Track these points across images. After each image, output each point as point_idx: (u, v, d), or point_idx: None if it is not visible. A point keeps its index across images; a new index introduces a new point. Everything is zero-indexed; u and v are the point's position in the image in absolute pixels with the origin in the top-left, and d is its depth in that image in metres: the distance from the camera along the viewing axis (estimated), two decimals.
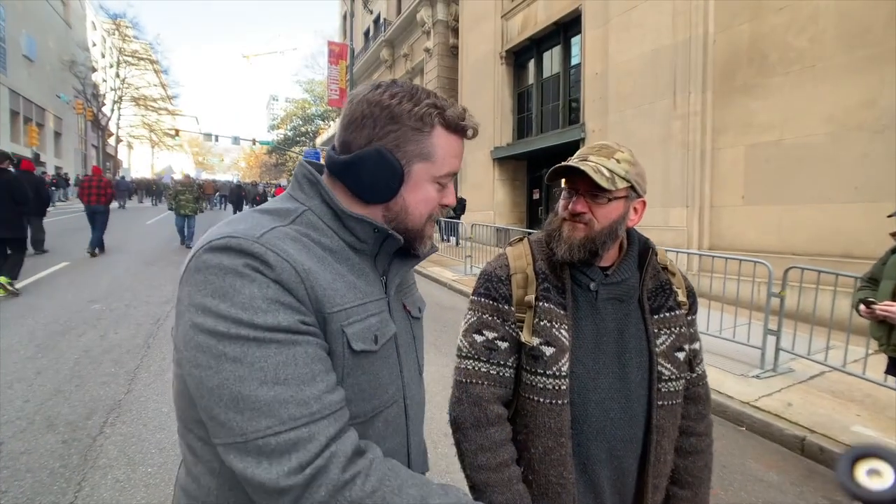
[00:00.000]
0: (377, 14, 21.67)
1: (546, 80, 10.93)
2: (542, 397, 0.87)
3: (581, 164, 0.84)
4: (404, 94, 0.67)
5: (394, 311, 0.73)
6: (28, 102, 26.39)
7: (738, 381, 3.69)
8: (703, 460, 0.99)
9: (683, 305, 0.96)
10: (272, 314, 0.54)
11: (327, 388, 0.55)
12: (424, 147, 0.67)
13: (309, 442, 0.51)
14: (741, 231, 6.23)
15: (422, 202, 0.70)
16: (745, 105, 6.12)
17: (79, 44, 34.61)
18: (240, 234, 0.57)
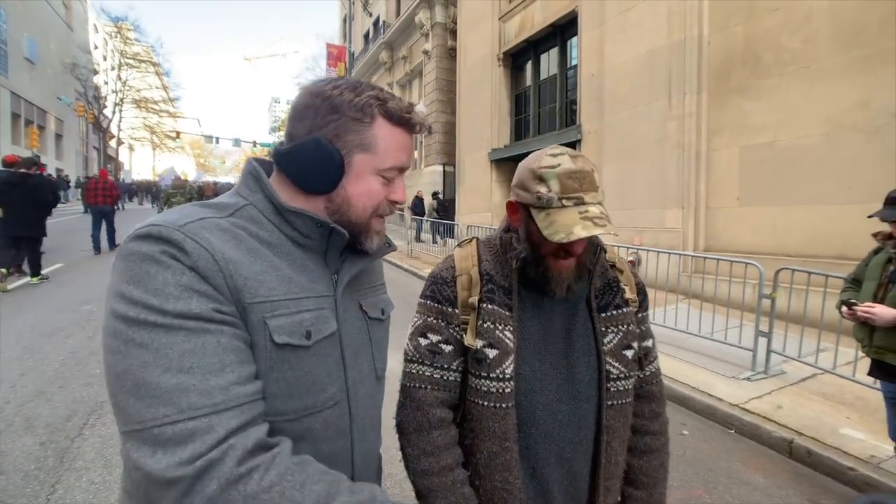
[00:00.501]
0: (377, 16, 21.73)
1: (543, 81, 10.92)
2: (486, 401, 0.84)
3: (600, 222, 0.77)
4: (347, 85, 0.67)
5: (344, 310, 0.71)
6: (29, 105, 26.52)
7: (728, 383, 3.66)
8: (657, 459, 0.97)
9: (632, 303, 0.94)
10: (184, 301, 0.53)
11: (237, 379, 0.54)
12: (365, 137, 0.67)
13: (206, 433, 0.50)
14: (736, 232, 6.20)
15: (364, 195, 0.69)
16: (740, 106, 6.10)
17: (80, 46, 34.79)
18: (163, 223, 0.57)
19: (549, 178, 0.80)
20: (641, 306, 0.98)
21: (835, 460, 2.62)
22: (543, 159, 0.82)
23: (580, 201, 0.79)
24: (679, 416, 3.36)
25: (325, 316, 0.67)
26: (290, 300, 0.63)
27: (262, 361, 0.59)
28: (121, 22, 35.45)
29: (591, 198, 0.79)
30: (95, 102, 32.62)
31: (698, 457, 2.80)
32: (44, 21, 28.73)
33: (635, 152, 7.45)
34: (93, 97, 32.25)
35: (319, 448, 0.65)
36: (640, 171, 7.35)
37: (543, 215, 0.80)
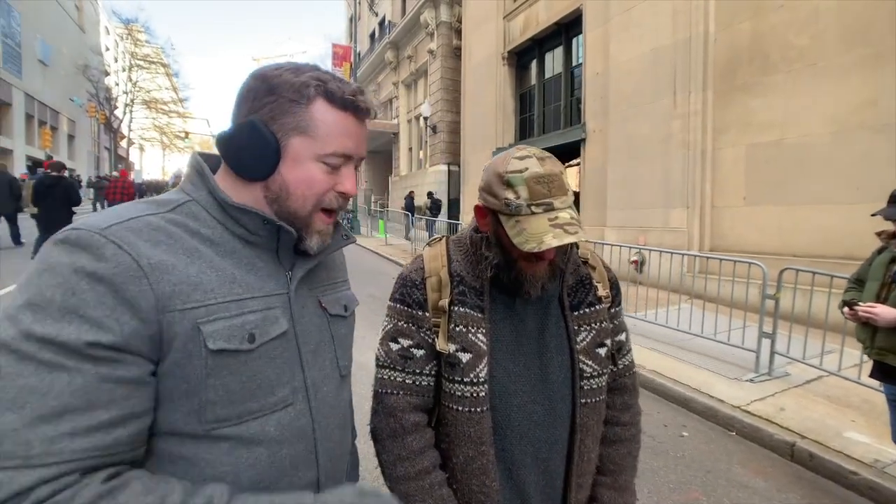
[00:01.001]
0: (382, 16, 21.78)
1: (548, 80, 10.87)
2: (460, 405, 0.83)
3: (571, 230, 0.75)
4: (289, 67, 0.64)
5: (301, 307, 0.68)
6: (42, 106, 26.94)
7: (730, 384, 3.61)
8: (625, 448, 0.97)
9: (605, 299, 0.93)
10: (57, 325, 0.47)
11: (74, 429, 0.47)
12: (301, 120, 0.63)
13: (5, 487, 0.44)
14: (742, 232, 6.12)
15: (303, 182, 0.64)
16: (746, 104, 6.02)
17: (92, 48, 35.29)
18: (84, 226, 0.53)
19: (517, 183, 0.76)
20: (614, 301, 0.97)
21: (837, 464, 2.58)
22: (510, 163, 0.78)
23: (549, 207, 0.76)
24: (680, 417, 3.33)
25: (274, 316, 0.64)
26: (232, 302, 0.59)
27: (197, 368, 0.56)
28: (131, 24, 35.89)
29: (560, 202, 0.76)
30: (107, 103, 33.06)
31: (698, 459, 2.77)
32: (56, 23, 29.17)
33: (640, 151, 7.39)
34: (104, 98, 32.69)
35: (278, 452, 0.63)
36: (645, 170, 7.28)
37: (513, 223, 0.77)
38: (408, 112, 19.22)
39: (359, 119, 0.67)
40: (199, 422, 0.57)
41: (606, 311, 0.93)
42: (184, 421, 0.57)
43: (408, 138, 19.34)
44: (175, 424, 0.57)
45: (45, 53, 27.14)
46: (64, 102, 29.32)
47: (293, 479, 0.64)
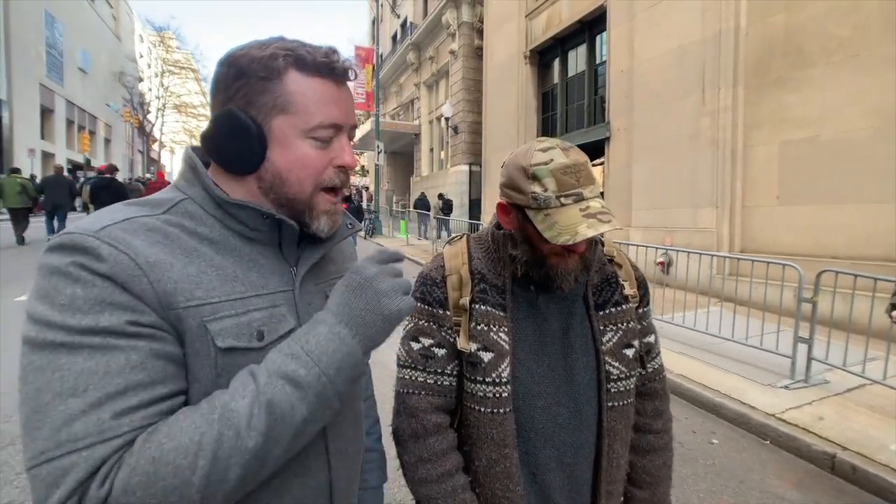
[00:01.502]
0: (404, 18, 21.92)
1: (571, 79, 10.72)
2: (483, 406, 0.80)
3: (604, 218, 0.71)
4: (255, 44, 0.59)
5: (307, 304, 0.65)
6: (82, 111, 28.24)
7: (763, 391, 3.46)
8: (661, 458, 0.93)
9: (633, 299, 0.89)
10: (92, 315, 0.47)
11: (139, 402, 0.47)
12: (278, 97, 0.58)
13: (80, 471, 0.44)
14: (775, 233, 5.87)
15: (296, 164, 0.60)
16: (780, 99, 5.78)
17: (127, 55, 36.79)
18: (78, 230, 0.51)
19: (544, 175, 0.73)
20: (642, 301, 0.93)
21: (885, 479, 2.42)
22: (534, 155, 0.75)
23: (580, 197, 0.73)
24: (709, 423, 3.21)
25: (280, 314, 0.61)
26: (236, 300, 0.57)
27: (206, 368, 0.54)
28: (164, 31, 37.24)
29: (589, 192, 0.73)
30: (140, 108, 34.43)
31: (729, 467, 2.65)
32: (95, 33, 30.54)
33: (666, 149, 7.19)
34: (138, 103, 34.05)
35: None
36: (672, 168, 7.08)
37: (542, 216, 0.74)
38: (429, 113, 19.27)
39: (338, 83, 0.62)
40: None
41: (634, 311, 0.89)
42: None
43: (429, 139, 19.40)
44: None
45: (84, 62, 28.45)
46: (101, 108, 30.66)
47: (304, 480, 0.62)
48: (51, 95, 24.31)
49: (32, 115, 22.53)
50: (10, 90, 20.38)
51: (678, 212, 7.00)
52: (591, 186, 0.74)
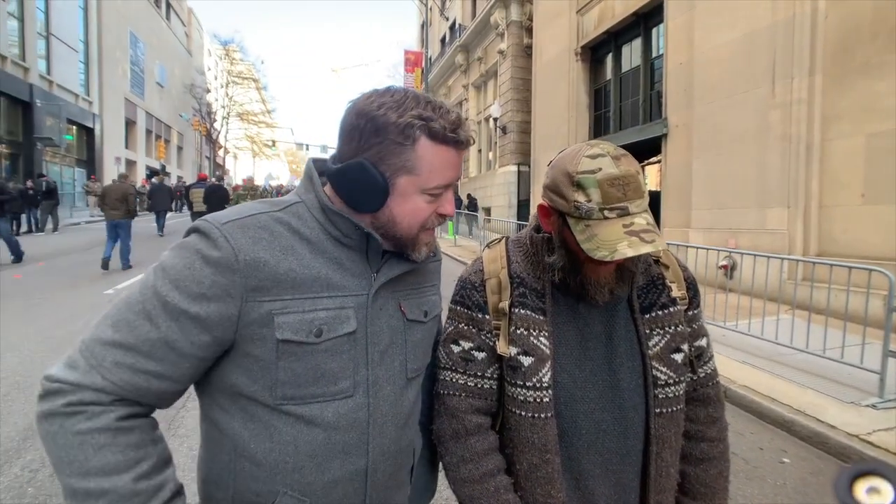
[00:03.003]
0: (453, 20, 22.06)
1: (625, 74, 10.30)
2: (523, 410, 0.80)
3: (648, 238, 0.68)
4: (392, 104, 0.67)
5: (378, 309, 0.73)
6: (158, 122, 30.95)
7: (845, 409, 3.15)
8: (716, 468, 0.88)
9: (681, 301, 0.85)
10: (169, 286, 0.63)
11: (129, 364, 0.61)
12: (408, 160, 0.67)
13: (83, 373, 0.60)
14: (860, 235, 5.32)
15: (409, 214, 0.70)
16: (867, 87, 5.22)
17: (197, 69, 39.85)
18: (210, 220, 0.67)
19: (589, 185, 0.70)
20: (692, 303, 0.88)
21: None
22: (581, 162, 0.71)
23: (624, 212, 0.69)
24: (778, 441, 2.96)
25: (346, 315, 0.70)
26: (307, 299, 0.67)
27: (269, 351, 0.66)
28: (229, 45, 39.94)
29: (636, 207, 0.70)
30: (208, 117, 37.14)
31: (802, 490, 2.44)
32: (171, 50, 33.36)
33: (730, 146, 6.73)
34: (206, 112, 36.77)
35: (333, 436, 0.70)
36: (736, 166, 6.62)
37: (582, 227, 0.71)
38: (477, 114, 19.27)
39: (459, 151, 0.71)
40: (272, 396, 0.67)
41: (683, 313, 0.85)
42: (260, 392, 0.67)
43: (477, 140, 19.33)
44: (254, 393, 0.67)
45: (161, 76, 31.16)
46: (174, 118, 33.43)
47: (344, 463, 0.71)
48: (133, 108, 26.83)
49: (118, 126, 24.99)
50: (101, 105, 22.72)
51: (743, 212, 6.53)
52: (638, 201, 0.70)
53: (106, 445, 0.59)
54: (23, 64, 16.82)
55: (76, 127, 20.83)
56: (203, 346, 0.65)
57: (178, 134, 34.80)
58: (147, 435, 0.64)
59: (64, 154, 19.84)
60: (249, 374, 0.67)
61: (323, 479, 0.69)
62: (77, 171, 21.15)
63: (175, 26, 34.57)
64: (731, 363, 3.95)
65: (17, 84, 16.33)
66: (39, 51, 18.10)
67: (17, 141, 16.87)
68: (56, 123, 18.12)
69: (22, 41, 17.00)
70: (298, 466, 0.68)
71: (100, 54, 22.78)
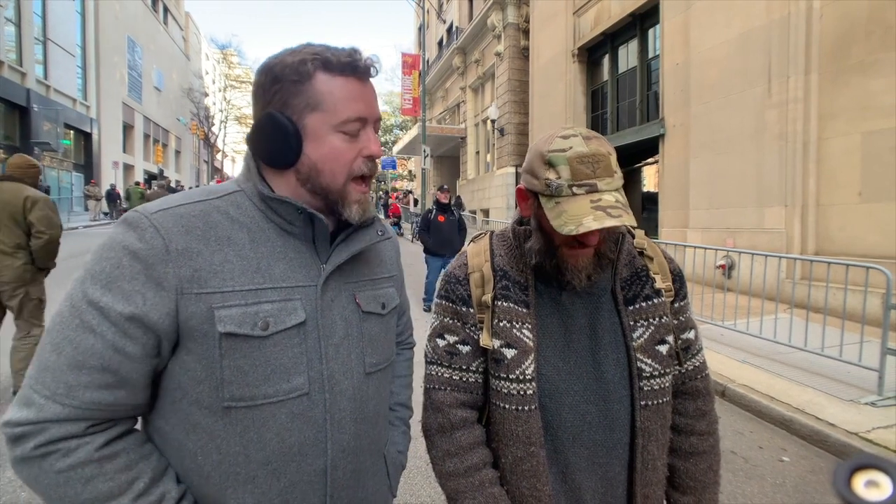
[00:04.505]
0: (450, 23, 22.12)
1: (621, 75, 10.33)
2: (508, 403, 0.80)
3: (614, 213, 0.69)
4: (287, 52, 0.67)
5: (330, 300, 0.70)
6: (156, 126, 30.94)
7: (845, 407, 3.14)
8: (705, 462, 0.88)
9: (666, 292, 0.85)
10: (105, 292, 0.58)
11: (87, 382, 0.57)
12: (310, 97, 0.65)
13: (37, 410, 0.56)
14: (857, 233, 5.32)
15: (329, 157, 0.67)
16: (863, 85, 5.24)
17: (195, 73, 39.88)
18: (140, 210, 0.63)
19: (559, 163, 0.72)
20: (678, 295, 0.88)
21: None
22: (553, 142, 0.74)
23: (593, 188, 0.70)
24: (778, 439, 2.95)
25: (293, 307, 0.66)
26: (249, 291, 0.63)
27: (212, 348, 0.62)
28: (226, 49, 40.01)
29: (605, 184, 0.71)
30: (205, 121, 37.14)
31: (802, 489, 2.43)
32: (168, 54, 33.38)
33: (727, 145, 6.74)
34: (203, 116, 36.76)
35: (287, 439, 0.65)
36: (733, 165, 6.63)
37: (552, 204, 0.72)
38: (475, 116, 19.29)
39: (362, 80, 0.68)
40: (218, 398, 0.63)
41: (668, 305, 0.85)
42: (206, 395, 0.63)
43: (475, 142, 19.41)
44: (199, 396, 0.63)
45: (159, 81, 31.17)
46: (172, 122, 33.41)
47: (301, 465, 0.67)
48: (131, 113, 26.81)
49: (116, 131, 24.96)
50: (98, 110, 22.70)
51: (741, 211, 6.54)
52: (608, 179, 0.71)
53: (94, 477, 0.57)
54: (20, 69, 16.82)
55: (74, 131, 20.80)
56: (153, 345, 0.61)
57: (175, 138, 34.78)
58: (135, 454, 0.61)
59: (62, 159, 19.81)
60: (193, 375, 0.63)
61: (278, 485, 0.65)
62: (74, 175, 21.12)
63: (173, 31, 34.61)
64: (730, 362, 3.94)
65: (14, 89, 16.32)
66: (37, 56, 18.09)
67: (15, 146, 16.82)
68: (53, 128, 18.11)
69: (19, 46, 17.00)
70: (251, 477, 0.64)
71: (97, 59, 22.78)
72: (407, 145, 22.67)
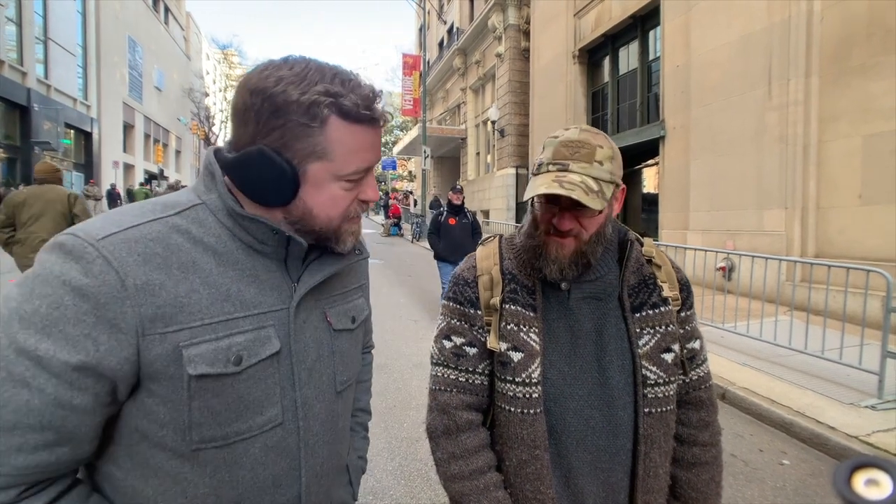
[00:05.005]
0: (451, 24, 22.15)
1: (622, 77, 10.34)
2: (513, 406, 0.80)
3: (568, 186, 0.71)
4: (293, 78, 0.56)
5: (302, 322, 0.65)
6: (157, 126, 30.95)
7: (845, 410, 3.13)
8: (708, 473, 0.87)
9: (673, 301, 0.85)
10: (37, 337, 0.48)
11: (20, 445, 0.49)
12: (318, 144, 0.57)
13: None
14: (857, 236, 5.32)
15: (327, 204, 0.61)
16: (864, 88, 5.24)
17: (195, 73, 39.90)
18: (82, 233, 0.52)
19: (548, 146, 0.78)
20: (685, 304, 0.89)
21: None
22: (557, 131, 0.79)
23: (564, 168, 0.74)
24: (778, 442, 2.95)
25: (266, 336, 0.60)
26: (219, 323, 0.56)
27: (179, 391, 0.54)
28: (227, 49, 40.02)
29: (578, 167, 0.74)
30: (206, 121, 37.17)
31: (802, 491, 2.42)
32: (169, 54, 33.41)
33: (727, 148, 6.74)
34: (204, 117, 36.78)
35: (261, 473, 0.61)
36: (733, 168, 6.63)
37: (531, 180, 0.78)
38: (475, 117, 19.30)
39: (375, 128, 0.62)
40: (185, 441, 0.56)
41: (674, 314, 0.85)
42: (171, 438, 0.56)
43: (475, 143, 19.42)
44: (163, 440, 0.56)
45: (160, 80, 31.18)
46: (172, 122, 33.43)
47: (274, 497, 0.63)
48: (132, 112, 26.82)
49: (117, 131, 24.97)
50: (99, 109, 22.71)
51: (741, 214, 6.54)
52: (583, 164, 0.74)
53: None
54: (21, 68, 16.82)
55: (74, 131, 20.81)
56: (106, 392, 0.52)
57: (176, 138, 34.80)
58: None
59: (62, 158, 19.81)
60: (155, 419, 0.55)
61: None
62: (75, 174, 21.13)
63: (173, 30, 34.64)
64: (730, 365, 3.94)
65: (15, 88, 16.32)
66: (37, 55, 18.10)
67: (15, 145, 16.84)
68: (54, 127, 18.11)
69: (20, 45, 17.00)
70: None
71: (98, 58, 22.79)
72: (407, 146, 22.67)
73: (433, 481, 2.39)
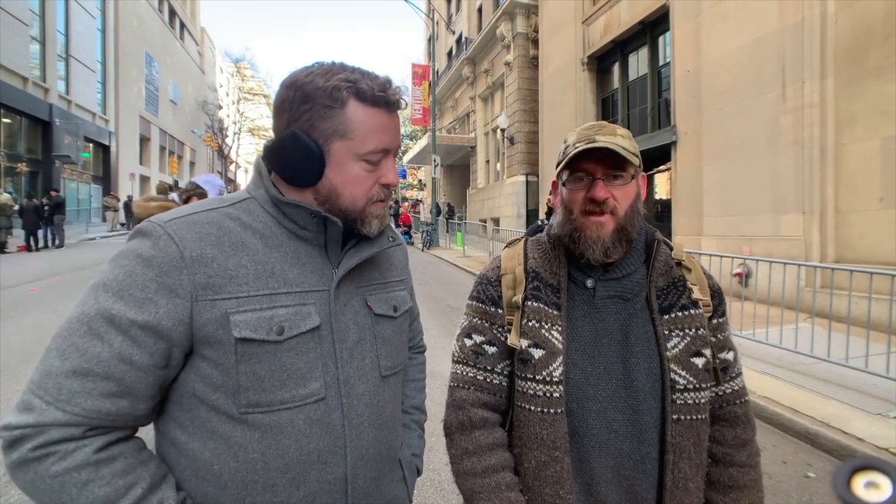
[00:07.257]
0: (459, 34, 22.35)
1: (632, 83, 10.30)
2: (533, 405, 0.78)
3: (602, 140, 0.76)
4: (320, 71, 0.66)
5: (343, 304, 0.71)
6: (172, 138, 31.66)
7: (871, 420, 3.02)
8: (747, 498, 0.82)
9: (705, 307, 0.82)
10: (113, 299, 0.58)
11: (90, 389, 0.57)
12: (339, 123, 0.65)
13: (38, 413, 0.55)
14: (879, 240, 5.18)
15: (350, 183, 0.68)
16: (881, 90, 5.14)
17: (209, 86, 40.83)
18: (154, 219, 0.64)
19: (572, 134, 0.80)
20: (717, 311, 0.85)
21: None
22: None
23: (590, 140, 0.76)
24: (802, 454, 2.85)
25: (307, 311, 0.67)
26: (264, 296, 0.64)
27: (228, 354, 0.62)
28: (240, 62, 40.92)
29: (603, 136, 0.76)
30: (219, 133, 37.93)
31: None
32: (184, 68, 34.26)
33: (741, 152, 6.65)
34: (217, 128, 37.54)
35: (305, 446, 0.65)
36: (748, 172, 6.53)
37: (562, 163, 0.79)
38: (485, 125, 19.37)
39: (391, 112, 0.69)
40: (235, 404, 0.63)
41: (705, 319, 0.82)
42: (223, 401, 0.63)
43: (485, 151, 19.47)
44: (216, 402, 0.63)
45: (175, 94, 31.95)
46: (187, 134, 34.17)
47: (321, 473, 0.66)
48: (147, 125, 27.50)
49: (133, 143, 25.60)
50: (117, 123, 23.33)
51: (757, 219, 6.42)
52: (609, 136, 0.76)
53: (90, 481, 0.56)
54: (43, 85, 17.38)
55: (93, 144, 21.37)
56: (162, 354, 0.60)
57: (190, 150, 35.53)
58: (133, 458, 0.60)
59: (81, 171, 20.35)
60: (209, 382, 0.63)
61: (298, 494, 0.65)
62: (93, 187, 21.66)
63: (188, 45, 35.54)
64: (749, 373, 3.84)
65: (37, 104, 16.85)
66: (59, 72, 18.69)
67: (37, 159, 17.34)
68: (74, 141, 18.63)
69: (43, 63, 17.59)
70: (270, 485, 0.64)
71: (116, 74, 23.46)
72: (417, 155, 22.81)
73: (446, 490, 2.36)
